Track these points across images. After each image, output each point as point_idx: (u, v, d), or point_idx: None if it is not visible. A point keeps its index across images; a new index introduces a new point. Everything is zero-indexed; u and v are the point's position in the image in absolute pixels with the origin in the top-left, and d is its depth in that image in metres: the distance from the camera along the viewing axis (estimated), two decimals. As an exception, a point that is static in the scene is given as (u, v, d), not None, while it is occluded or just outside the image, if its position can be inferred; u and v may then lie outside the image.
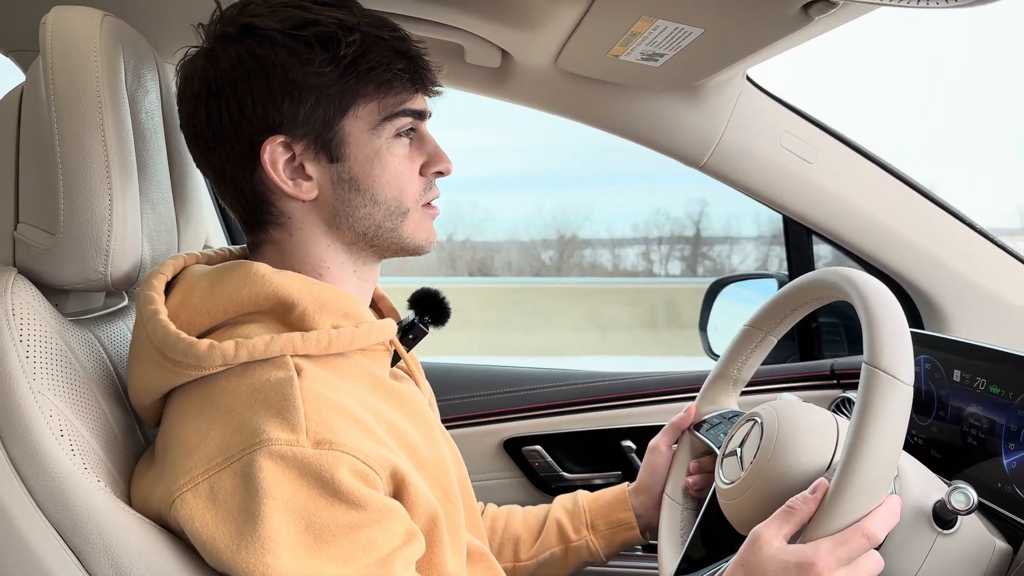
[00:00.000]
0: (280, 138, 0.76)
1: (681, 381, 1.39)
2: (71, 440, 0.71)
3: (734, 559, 0.79)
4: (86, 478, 0.70)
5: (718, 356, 1.08)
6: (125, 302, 0.95)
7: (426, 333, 0.93)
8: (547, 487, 1.42)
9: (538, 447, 1.41)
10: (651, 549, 1.30)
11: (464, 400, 1.45)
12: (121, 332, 0.88)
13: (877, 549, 0.78)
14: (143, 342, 0.75)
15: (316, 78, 0.75)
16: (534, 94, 1.26)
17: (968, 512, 0.80)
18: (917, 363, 1.09)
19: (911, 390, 0.75)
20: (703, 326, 1.59)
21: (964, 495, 0.79)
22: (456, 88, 1.27)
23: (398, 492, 0.74)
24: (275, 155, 0.76)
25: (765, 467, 0.85)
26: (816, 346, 1.49)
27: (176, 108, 0.90)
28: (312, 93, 0.75)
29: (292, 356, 0.73)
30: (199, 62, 0.78)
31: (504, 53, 1.17)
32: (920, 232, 1.28)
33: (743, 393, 1.09)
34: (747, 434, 0.91)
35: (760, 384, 1.34)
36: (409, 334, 0.92)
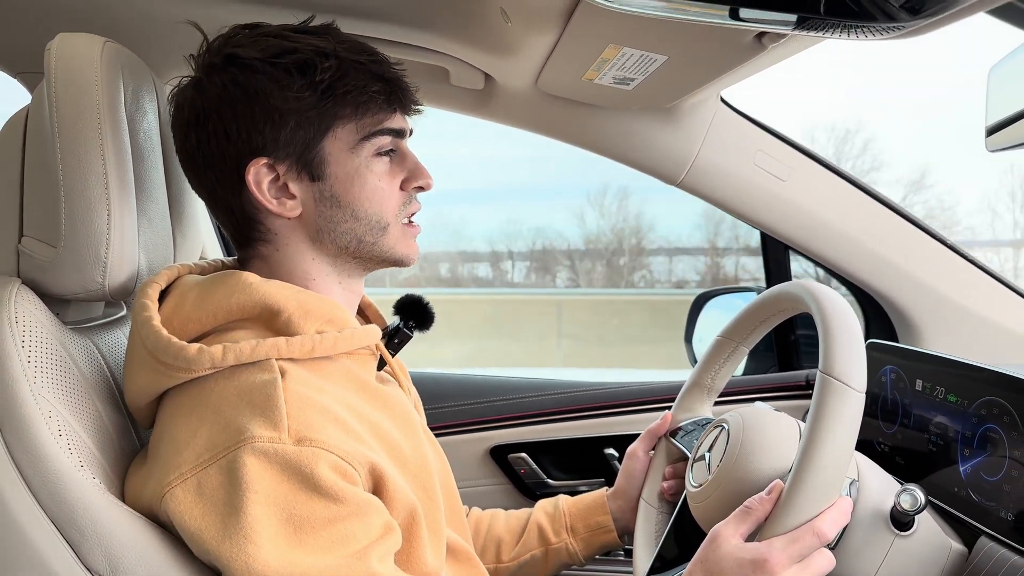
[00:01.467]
0: (264, 160, 0.81)
1: (660, 391, 1.43)
2: (68, 439, 0.75)
3: (695, 556, 0.82)
4: (82, 475, 0.74)
5: None
6: (123, 312, 0.99)
7: (410, 337, 0.97)
8: (532, 494, 1.45)
9: (524, 454, 1.44)
10: (631, 554, 1.32)
11: (452, 408, 1.48)
12: (118, 340, 0.93)
13: (832, 548, 0.81)
14: (137, 347, 0.79)
15: (295, 102, 0.79)
16: (516, 114, 1.30)
17: (916, 512, 0.83)
18: (883, 373, 1.13)
19: (862, 397, 0.78)
20: (688, 338, 1.62)
21: (912, 496, 0.82)
22: (442, 108, 1.31)
23: (377, 488, 0.77)
24: (259, 176, 0.81)
25: (730, 470, 0.88)
26: (794, 357, 1.53)
27: None
28: (292, 116, 0.80)
29: (277, 359, 0.77)
30: (188, 91, 0.83)
31: (487, 76, 1.21)
32: (891, 247, 1.32)
33: (720, 402, 1.12)
34: (715, 439, 0.94)
35: (738, 394, 1.38)
36: (395, 339, 0.96)
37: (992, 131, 0.80)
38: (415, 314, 0.98)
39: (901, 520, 0.85)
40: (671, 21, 0.68)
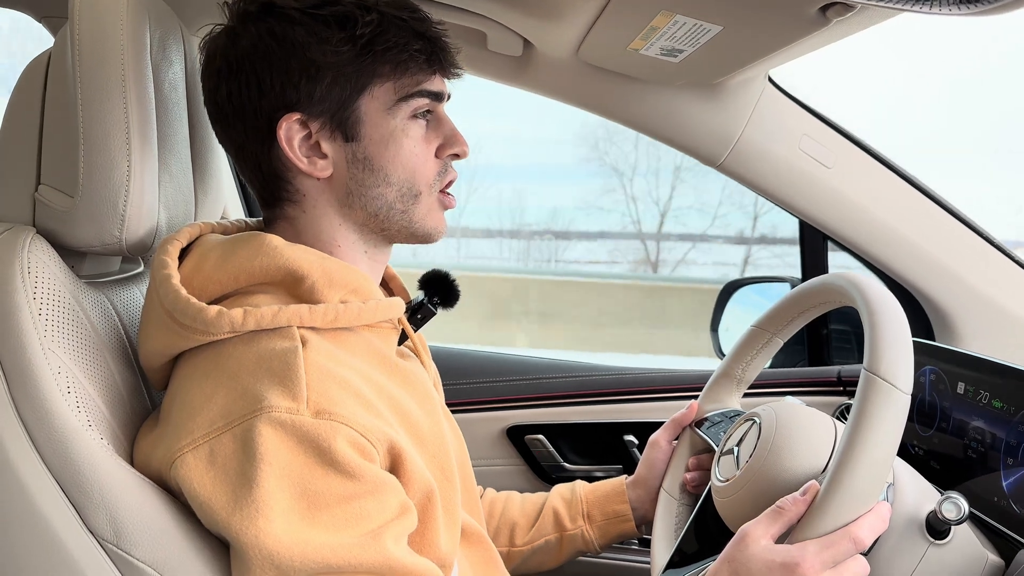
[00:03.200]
0: (296, 115, 0.77)
1: (686, 379, 1.40)
2: (77, 397, 0.72)
3: (721, 555, 0.80)
4: (90, 435, 0.71)
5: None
6: (140, 268, 0.97)
7: (434, 314, 0.94)
8: (548, 476, 1.43)
9: (541, 436, 1.42)
10: (646, 543, 1.30)
11: (471, 386, 1.46)
12: (134, 297, 0.90)
13: (865, 555, 0.78)
14: (155, 305, 0.77)
15: (333, 57, 0.76)
16: (555, 85, 1.26)
17: (959, 522, 0.80)
18: (922, 374, 1.09)
19: (908, 399, 0.75)
20: (715, 327, 1.59)
21: (955, 505, 0.79)
22: (477, 75, 1.27)
23: (395, 466, 0.75)
24: (291, 132, 0.78)
25: (760, 467, 0.85)
26: (826, 352, 1.49)
27: (200, 81, 0.92)
28: (329, 72, 0.77)
29: (299, 327, 0.74)
30: (221, 40, 0.79)
31: (526, 42, 1.17)
32: (935, 243, 1.28)
33: (750, 395, 1.09)
34: (745, 433, 0.91)
35: (767, 387, 1.34)
36: (418, 314, 0.93)
37: None
38: (440, 290, 0.95)
39: (937, 528, 0.82)
40: (730, -12, 0.64)
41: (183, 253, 0.81)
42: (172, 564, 0.71)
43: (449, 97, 0.85)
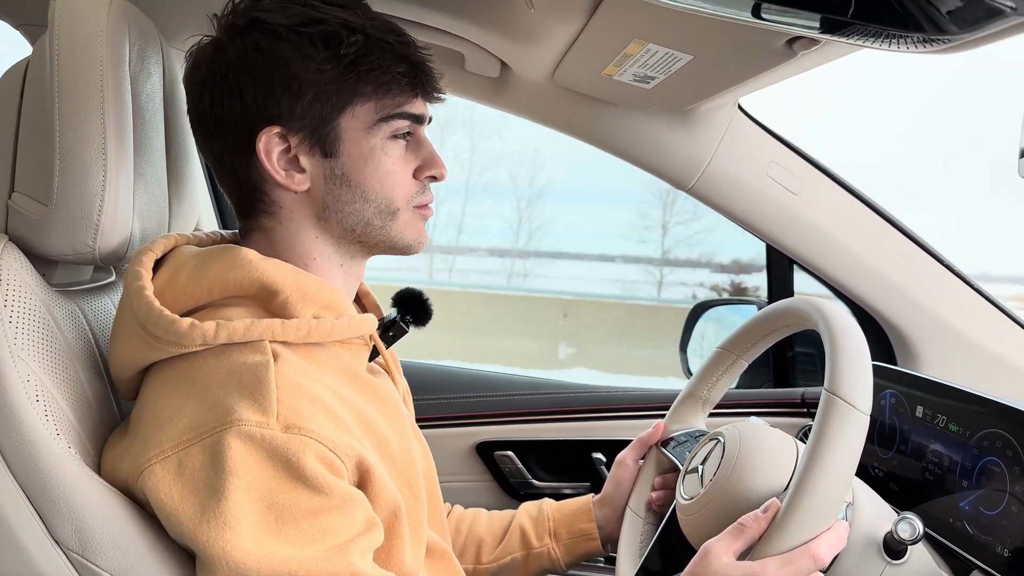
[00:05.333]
0: (276, 129, 0.78)
1: (653, 398, 1.41)
2: (46, 406, 0.72)
3: (684, 572, 0.81)
4: (57, 444, 0.71)
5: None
6: (112, 277, 0.97)
7: (406, 332, 0.95)
8: (516, 493, 1.43)
9: (510, 452, 1.42)
10: (611, 562, 1.31)
11: (441, 401, 1.46)
12: (106, 306, 0.90)
13: (824, 572, 0.79)
14: (127, 316, 0.77)
15: (316, 74, 0.77)
16: (530, 106, 1.28)
17: (914, 542, 0.81)
18: (883, 397, 1.11)
19: (867, 419, 0.77)
20: (683, 347, 1.61)
21: (910, 525, 0.80)
22: (455, 95, 1.29)
23: (362, 482, 0.75)
24: (270, 145, 0.78)
25: (723, 485, 0.86)
26: (790, 374, 1.51)
27: (178, 93, 0.92)
28: (311, 88, 0.77)
29: (271, 342, 0.75)
30: (208, 51, 0.80)
31: (503, 64, 1.18)
32: (898, 270, 1.30)
33: (715, 415, 1.11)
34: (709, 452, 0.92)
35: (732, 407, 1.36)
36: (389, 331, 0.94)
37: None
38: (413, 308, 0.96)
39: (894, 548, 0.84)
40: (701, 19, 0.66)
41: (157, 264, 0.81)
42: (137, 575, 0.70)
43: (431, 120, 0.86)
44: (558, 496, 1.23)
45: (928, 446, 1.01)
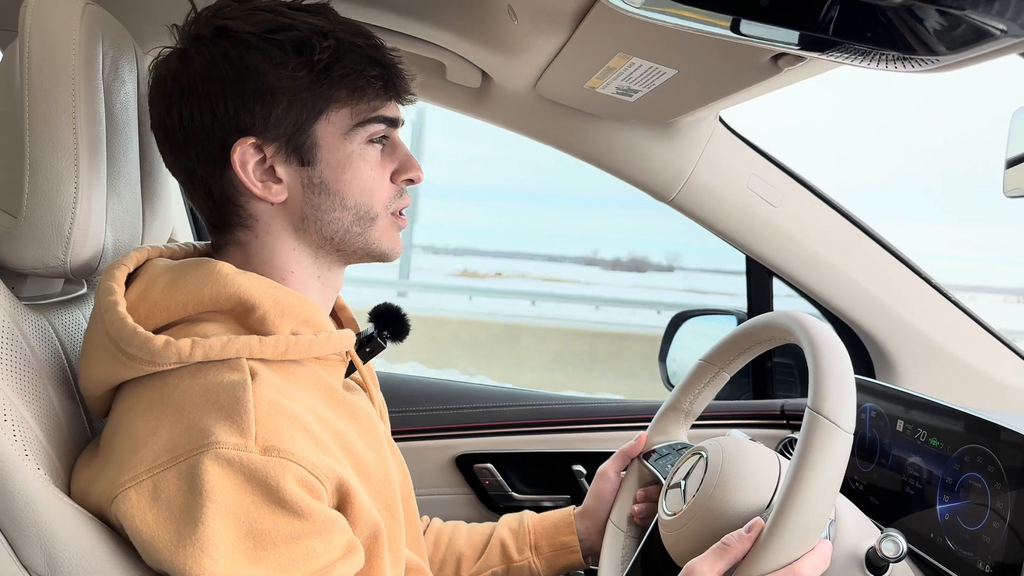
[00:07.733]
0: (251, 140, 0.76)
1: (635, 410, 1.41)
2: (14, 425, 0.70)
3: None
4: (26, 465, 0.69)
5: (674, 387, 1.10)
6: (84, 290, 0.94)
7: (383, 347, 0.94)
8: (496, 506, 1.42)
9: (490, 465, 1.41)
10: (593, 574, 1.30)
11: (419, 414, 1.45)
12: (76, 320, 0.87)
13: None
14: (99, 332, 0.75)
15: (289, 82, 0.76)
16: (512, 117, 1.27)
17: (897, 560, 0.81)
18: (863, 411, 1.12)
19: (851, 438, 0.77)
20: (663, 357, 1.61)
21: (894, 543, 0.80)
22: (436, 104, 1.28)
23: (342, 505, 0.74)
24: (245, 156, 0.77)
25: (706, 502, 0.86)
26: (769, 385, 1.52)
27: None
28: (285, 97, 0.76)
29: (248, 359, 0.73)
30: (172, 63, 0.78)
31: (484, 74, 1.18)
32: (877, 283, 1.31)
33: (697, 427, 1.11)
34: (692, 467, 0.92)
35: (712, 419, 1.36)
36: (366, 347, 0.92)
37: (1012, 164, 0.79)
38: (390, 323, 0.95)
39: (877, 565, 0.84)
40: (685, 34, 0.65)
41: (130, 278, 0.78)
42: None
43: (403, 123, 0.85)
44: (538, 509, 1.22)
45: (908, 460, 1.01)
